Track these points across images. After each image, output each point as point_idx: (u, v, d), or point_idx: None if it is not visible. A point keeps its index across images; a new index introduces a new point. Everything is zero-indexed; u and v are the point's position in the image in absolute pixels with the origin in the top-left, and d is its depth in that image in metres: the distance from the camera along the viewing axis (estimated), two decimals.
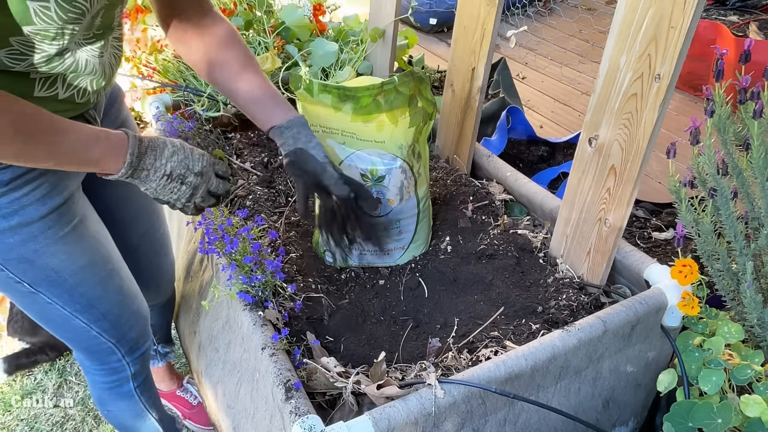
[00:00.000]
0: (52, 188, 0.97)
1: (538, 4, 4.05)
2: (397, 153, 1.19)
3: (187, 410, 1.71)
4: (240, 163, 1.59)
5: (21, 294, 1.04)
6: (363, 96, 1.14)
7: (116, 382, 1.25)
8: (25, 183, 0.93)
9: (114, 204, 1.24)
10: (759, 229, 1.10)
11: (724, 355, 1.07)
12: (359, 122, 1.17)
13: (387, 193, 1.23)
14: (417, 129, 1.19)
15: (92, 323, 1.12)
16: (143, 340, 1.24)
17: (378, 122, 1.16)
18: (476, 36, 1.43)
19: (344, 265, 1.31)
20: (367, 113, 1.15)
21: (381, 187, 1.22)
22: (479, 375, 0.94)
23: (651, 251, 1.50)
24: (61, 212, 0.99)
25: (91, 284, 1.08)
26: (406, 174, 1.22)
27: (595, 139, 1.14)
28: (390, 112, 1.16)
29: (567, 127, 2.75)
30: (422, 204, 1.30)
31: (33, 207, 0.95)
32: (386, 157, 1.20)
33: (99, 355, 1.19)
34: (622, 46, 1.04)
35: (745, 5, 3.24)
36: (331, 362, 1.01)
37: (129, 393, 1.28)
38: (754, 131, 1.03)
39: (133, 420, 1.35)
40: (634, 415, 1.29)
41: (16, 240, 0.96)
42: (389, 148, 1.19)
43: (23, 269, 1.00)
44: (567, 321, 1.13)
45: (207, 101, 1.73)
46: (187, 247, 1.58)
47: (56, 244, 1.00)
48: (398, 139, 1.18)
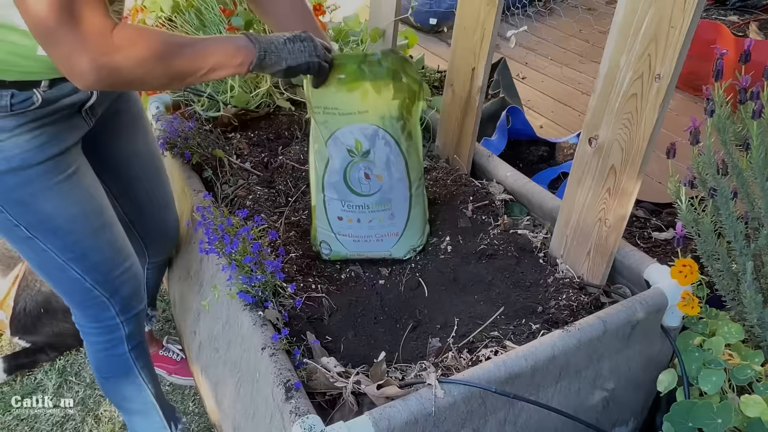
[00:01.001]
0: (51, 138, 1.06)
1: (538, 4, 4.05)
2: (379, 124, 1.20)
3: (172, 366, 1.79)
4: (240, 163, 1.59)
5: (19, 240, 1.13)
6: (348, 63, 1.17)
7: (111, 342, 1.30)
8: (28, 131, 1.03)
9: (122, 161, 1.33)
10: (759, 229, 1.10)
11: (724, 355, 1.07)
12: (343, 92, 1.18)
13: (374, 169, 1.24)
14: (402, 104, 1.21)
15: (85, 273, 1.18)
16: (137, 300, 1.29)
17: (362, 91, 1.18)
18: (476, 36, 1.43)
19: (338, 257, 1.33)
20: (351, 82, 1.17)
21: (368, 163, 1.23)
22: (479, 375, 0.94)
23: (651, 251, 1.50)
24: (57, 161, 1.08)
25: (84, 234, 1.15)
26: (392, 147, 1.23)
27: (595, 139, 1.14)
28: (374, 81, 1.18)
29: (567, 127, 2.75)
30: (414, 187, 1.29)
31: (32, 153, 1.04)
32: (368, 130, 1.21)
33: (93, 311, 1.25)
34: (622, 46, 1.04)
35: (745, 5, 3.24)
36: (331, 362, 1.01)
37: (123, 356, 1.33)
38: (754, 131, 1.03)
39: (129, 389, 1.38)
40: (634, 415, 1.29)
41: (15, 182, 1.05)
42: (371, 119, 1.20)
43: (20, 212, 1.09)
44: (567, 321, 1.13)
45: (207, 101, 1.73)
46: (187, 247, 1.58)
47: (50, 190, 1.08)
48: (381, 110, 1.19)
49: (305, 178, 1.55)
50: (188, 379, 1.77)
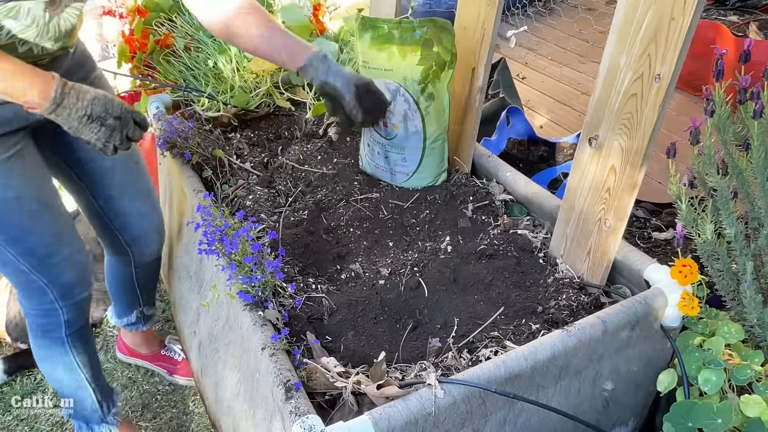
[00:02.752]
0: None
1: (538, 4, 4.04)
2: (400, 82, 1.38)
3: (172, 366, 1.79)
4: (240, 163, 1.59)
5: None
6: (380, 26, 1.35)
7: (49, 325, 1.32)
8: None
9: (88, 155, 1.34)
10: (759, 229, 1.10)
11: (724, 355, 1.06)
12: (374, 50, 1.38)
13: (392, 118, 1.43)
14: (427, 69, 1.35)
15: (20, 256, 1.20)
16: (80, 289, 1.30)
17: (388, 53, 1.36)
18: (476, 36, 1.43)
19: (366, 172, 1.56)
20: (381, 42, 1.36)
21: (388, 112, 1.41)
22: (479, 375, 0.94)
23: (651, 251, 1.50)
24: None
25: (19, 218, 1.17)
26: (410, 104, 1.39)
27: (595, 139, 1.14)
28: (401, 46, 1.34)
29: (567, 127, 2.75)
30: (429, 142, 1.45)
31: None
32: (392, 86, 1.39)
33: (33, 293, 1.27)
34: (622, 46, 1.04)
35: (745, 5, 3.24)
36: (331, 362, 1.01)
37: (59, 339, 1.34)
38: (754, 131, 1.03)
39: (64, 373, 1.40)
40: (634, 415, 1.29)
41: None
42: (395, 77, 1.38)
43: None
44: (567, 321, 1.13)
45: (207, 101, 1.73)
46: (187, 247, 1.57)
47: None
48: (404, 71, 1.36)
49: (305, 177, 1.55)
50: (188, 380, 1.77)
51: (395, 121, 1.43)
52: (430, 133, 1.43)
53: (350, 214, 1.43)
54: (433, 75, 1.36)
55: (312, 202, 1.47)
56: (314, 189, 1.52)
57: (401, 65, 1.36)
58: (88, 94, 1.08)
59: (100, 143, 1.11)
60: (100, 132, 1.09)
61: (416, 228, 1.41)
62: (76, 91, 1.07)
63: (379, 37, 1.35)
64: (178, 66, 1.80)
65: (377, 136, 1.48)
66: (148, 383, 1.80)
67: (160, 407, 1.74)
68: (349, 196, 1.49)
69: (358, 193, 1.50)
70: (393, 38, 1.34)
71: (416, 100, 1.38)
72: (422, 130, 1.42)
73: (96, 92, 1.10)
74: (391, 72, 1.37)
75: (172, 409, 1.73)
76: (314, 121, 1.74)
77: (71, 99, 1.06)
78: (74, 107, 1.06)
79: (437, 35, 1.33)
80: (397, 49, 1.34)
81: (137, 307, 1.67)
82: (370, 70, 1.41)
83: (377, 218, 1.43)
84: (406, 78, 1.36)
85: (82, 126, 1.08)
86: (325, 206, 1.47)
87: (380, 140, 1.48)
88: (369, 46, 1.38)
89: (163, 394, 1.78)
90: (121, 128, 1.11)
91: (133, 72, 1.85)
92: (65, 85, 1.06)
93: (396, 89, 1.39)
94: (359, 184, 1.53)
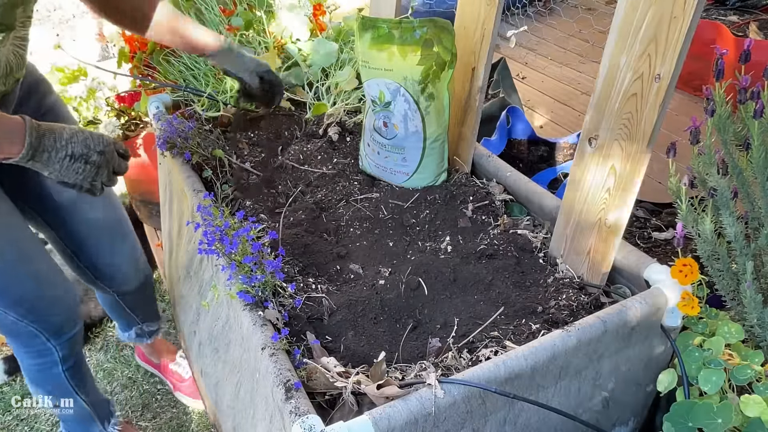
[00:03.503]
0: None
1: (538, 4, 4.04)
2: (401, 82, 1.38)
3: (178, 383, 1.78)
4: (240, 163, 1.59)
5: None
6: (380, 26, 1.35)
7: (45, 364, 1.27)
8: None
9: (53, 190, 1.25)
10: (759, 229, 1.10)
11: (724, 355, 1.06)
12: (374, 50, 1.38)
13: (392, 118, 1.43)
14: (427, 69, 1.35)
15: (7, 309, 1.14)
16: (70, 326, 1.25)
17: (389, 53, 1.36)
18: (476, 36, 1.43)
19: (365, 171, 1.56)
20: (381, 42, 1.36)
21: (388, 112, 1.43)
22: (479, 375, 0.94)
23: (651, 251, 1.50)
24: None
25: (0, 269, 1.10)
26: (410, 105, 1.39)
27: (595, 139, 1.14)
28: (401, 46, 1.34)
29: (567, 127, 2.75)
30: (429, 142, 1.45)
31: None
32: (392, 86, 1.39)
33: (22, 339, 1.21)
34: (622, 46, 1.04)
35: (745, 5, 3.24)
36: (331, 362, 1.01)
37: (58, 375, 1.30)
38: (754, 131, 1.03)
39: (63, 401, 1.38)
40: (634, 415, 1.29)
41: None
42: (395, 77, 1.38)
43: None
44: (567, 321, 1.13)
45: (207, 101, 1.73)
46: (187, 247, 1.57)
47: None
48: (404, 71, 1.36)
49: (305, 177, 1.55)
50: (190, 400, 1.74)
51: (395, 121, 1.43)
52: (430, 133, 1.44)
53: (350, 214, 1.43)
54: (433, 75, 1.36)
55: (312, 202, 1.47)
56: (314, 189, 1.52)
57: (401, 65, 1.36)
58: (65, 132, 0.99)
59: (87, 183, 1.02)
60: (85, 171, 1.00)
61: (416, 228, 1.41)
62: (51, 130, 0.97)
63: (379, 37, 1.36)
64: (178, 66, 1.80)
65: (377, 136, 1.48)
66: (148, 383, 1.80)
67: (160, 407, 1.74)
68: (349, 196, 1.49)
69: (358, 193, 1.50)
70: (393, 38, 1.34)
71: (416, 100, 1.39)
72: (422, 130, 1.43)
73: (71, 129, 1.00)
74: (391, 72, 1.37)
75: (172, 409, 1.74)
76: (314, 121, 1.74)
77: (48, 141, 0.96)
78: (53, 149, 0.96)
79: (437, 35, 1.33)
80: (397, 49, 1.35)
81: (135, 325, 1.65)
82: (370, 70, 1.41)
83: (377, 218, 1.43)
84: (406, 78, 1.37)
85: (64, 169, 0.98)
86: (325, 206, 1.47)
87: (380, 140, 1.48)
88: (369, 46, 1.38)
89: (163, 394, 1.78)
90: (106, 164, 1.03)
91: (133, 72, 1.85)
92: (39, 127, 0.96)
93: (396, 89, 1.39)
94: (359, 184, 1.53)
